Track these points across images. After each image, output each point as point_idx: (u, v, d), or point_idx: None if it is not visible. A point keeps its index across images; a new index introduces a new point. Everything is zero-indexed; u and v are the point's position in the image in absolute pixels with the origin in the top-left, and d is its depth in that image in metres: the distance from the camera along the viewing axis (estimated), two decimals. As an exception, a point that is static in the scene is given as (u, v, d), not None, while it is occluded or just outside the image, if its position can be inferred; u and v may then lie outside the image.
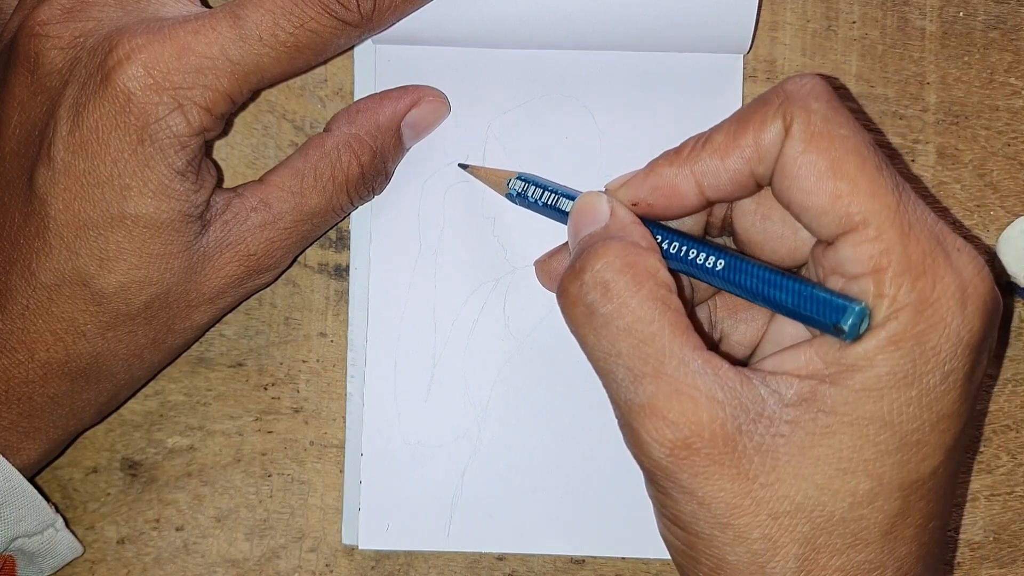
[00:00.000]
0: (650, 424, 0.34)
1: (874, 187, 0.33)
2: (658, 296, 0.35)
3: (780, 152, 0.35)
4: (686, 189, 0.37)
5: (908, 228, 0.33)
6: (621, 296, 0.35)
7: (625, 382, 0.35)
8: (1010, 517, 0.47)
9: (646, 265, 0.35)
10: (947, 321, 0.33)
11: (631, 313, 0.35)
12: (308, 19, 0.40)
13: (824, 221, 0.34)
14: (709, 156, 0.36)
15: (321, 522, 0.47)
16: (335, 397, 0.47)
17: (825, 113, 0.35)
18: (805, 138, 0.34)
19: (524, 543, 0.46)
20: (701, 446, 0.33)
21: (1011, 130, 0.47)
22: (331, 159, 0.43)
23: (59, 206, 0.39)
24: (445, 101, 0.45)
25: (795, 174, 0.34)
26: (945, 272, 0.33)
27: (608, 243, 0.36)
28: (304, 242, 0.44)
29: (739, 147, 0.36)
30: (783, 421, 0.34)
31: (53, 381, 0.41)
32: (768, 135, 0.35)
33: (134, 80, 0.38)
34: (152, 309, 0.41)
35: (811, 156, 0.34)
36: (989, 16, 0.47)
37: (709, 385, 0.34)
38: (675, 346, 0.34)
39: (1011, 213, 0.47)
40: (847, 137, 0.34)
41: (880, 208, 0.33)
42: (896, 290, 0.33)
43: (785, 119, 0.35)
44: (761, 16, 0.47)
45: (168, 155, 0.39)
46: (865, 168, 0.34)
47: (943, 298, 0.33)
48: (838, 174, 0.34)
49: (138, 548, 0.47)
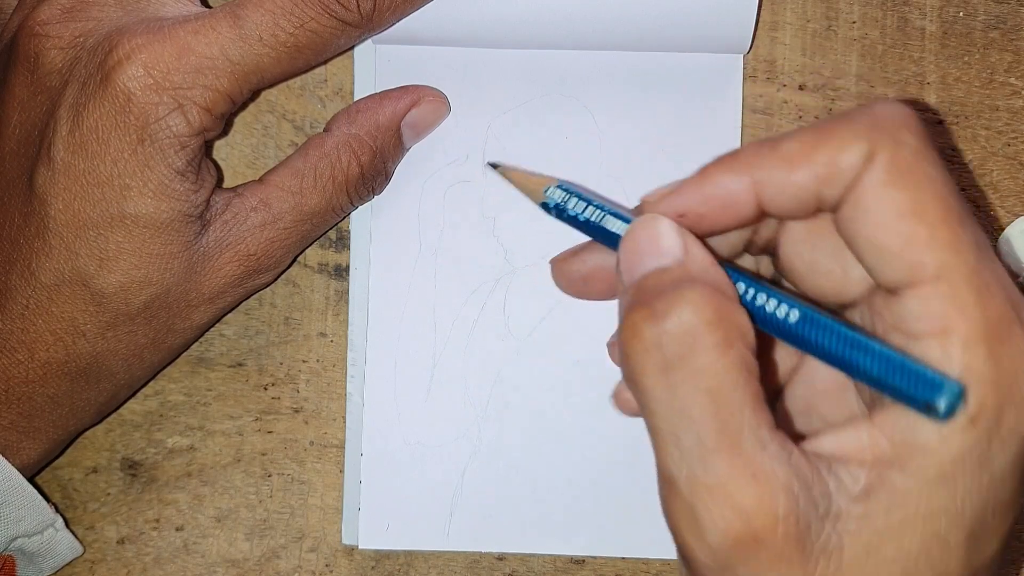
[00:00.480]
0: (716, 508, 0.29)
1: (955, 239, 0.30)
2: (745, 361, 0.30)
3: (858, 180, 0.31)
4: (744, 200, 0.32)
5: (986, 288, 0.30)
6: (710, 355, 0.30)
7: (692, 452, 0.30)
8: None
9: (738, 322, 0.31)
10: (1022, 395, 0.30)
11: (716, 376, 0.30)
12: (308, 19, 0.40)
13: (893, 265, 0.30)
14: (776, 164, 0.32)
15: (321, 522, 0.47)
16: (335, 397, 0.47)
17: (916, 148, 0.31)
18: (890, 170, 0.30)
19: (524, 543, 0.46)
20: (772, 542, 0.29)
21: (1011, 130, 0.47)
22: (331, 159, 0.43)
23: (59, 206, 0.39)
24: (445, 101, 0.45)
25: (872, 207, 0.30)
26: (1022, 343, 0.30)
27: (696, 287, 0.31)
28: (304, 242, 0.44)
29: (813, 161, 0.31)
30: (852, 517, 0.30)
31: (53, 381, 0.41)
32: (849, 157, 0.31)
33: (134, 80, 0.38)
34: (152, 309, 0.41)
35: (893, 191, 0.30)
36: (989, 16, 0.47)
37: (786, 473, 0.29)
38: (755, 422, 0.30)
39: (1011, 213, 0.47)
40: (935, 180, 0.31)
41: (958, 263, 0.30)
42: (970, 358, 0.29)
43: (871, 144, 0.31)
44: (761, 16, 0.47)
45: (168, 155, 0.39)
46: (948, 217, 0.30)
47: (1020, 370, 0.29)
48: (919, 217, 0.30)
49: (138, 548, 0.47)
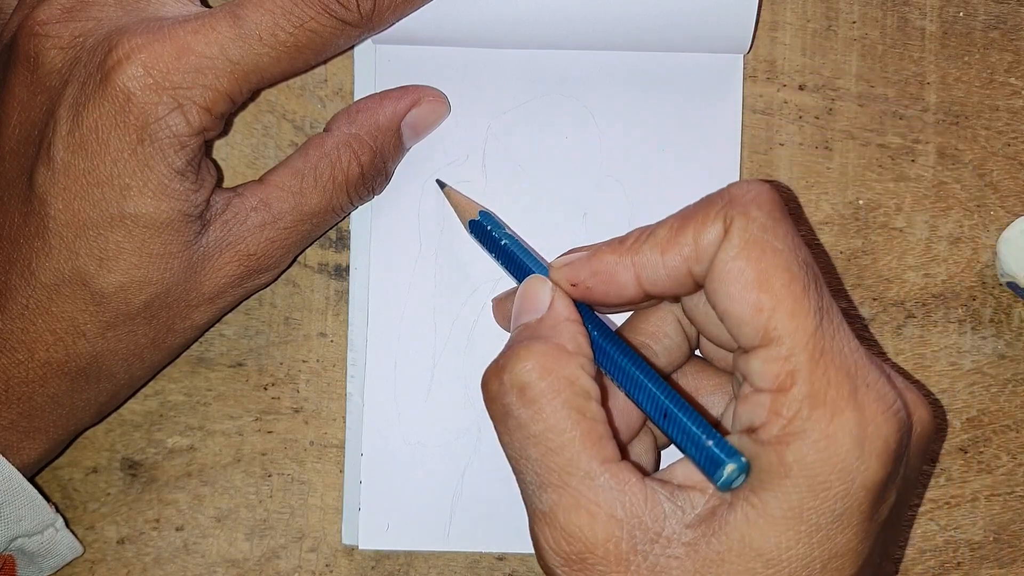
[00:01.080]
0: (548, 533, 0.34)
1: (796, 307, 0.33)
2: (574, 405, 0.35)
3: (715, 256, 0.34)
4: (625, 279, 0.37)
5: (820, 355, 0.33)
6: (537, 402, 0.35)
7: (532, 486, 0.35)
8: (1010, 517, 0.47)
9: (566, 372, 0.35)
10: (839, 457, 0.32)
11: (543, 421, 0.35)
12: (308, 19, 0.40)
13: (743, 331, 0.34)
14: (650, 250, 0.36)
15: (321, 522, 0.47)
16: (335, 397, 0.47)
17: (763, 223, 0.34)
18: (739, 244, 0.34)
19: (524, 543, 0.45)
20: (594, 562, 0.33)
21: (1011, 130, 0.47)
22: (331, 159, 0.43)
23: (59, 206, 0.39)
24: (445, 101, 0.45)
25: (723, 279, 0.34)
26: (847, 407, 0.33)
27: (532, 344, 0.36)
28: (304, 242, 0.44)
29: (679, 244, 0.35)
30: (680, 543, 0.33)
31: (53, 381, 0.41)
32: (708, 236, 0.35)
33: (134, 80, 0.38)
34: (152, 309, 0.41)
35: (740, 263, 0.34)
36: (989, 16, 0.47)
37: (611, 502, 0.34)
38: (583, 458, 0.34)
39: (1011, 213, 0.47)
40: (780, 252, 0.34)
41: (796, 329, 0.33)
42: (792, 413, 0.33)
43: (725, 222, 0.34)
44: (761, 16, 0.47)
45: (168, 155, 0.39)
46: (791, 286, 0.33)
47: (838, 435, 0.33)
48: (763, 286, 0.33)
49: (138, 548, 0.47)
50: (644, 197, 0.46)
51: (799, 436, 0.33)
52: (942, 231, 0.47)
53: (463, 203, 0.45)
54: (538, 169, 0.46)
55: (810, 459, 0.32)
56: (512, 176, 0.46)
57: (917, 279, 0.47)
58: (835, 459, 0.32)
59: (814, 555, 0.33)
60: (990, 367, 0.47)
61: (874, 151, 0.47)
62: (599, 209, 0.46)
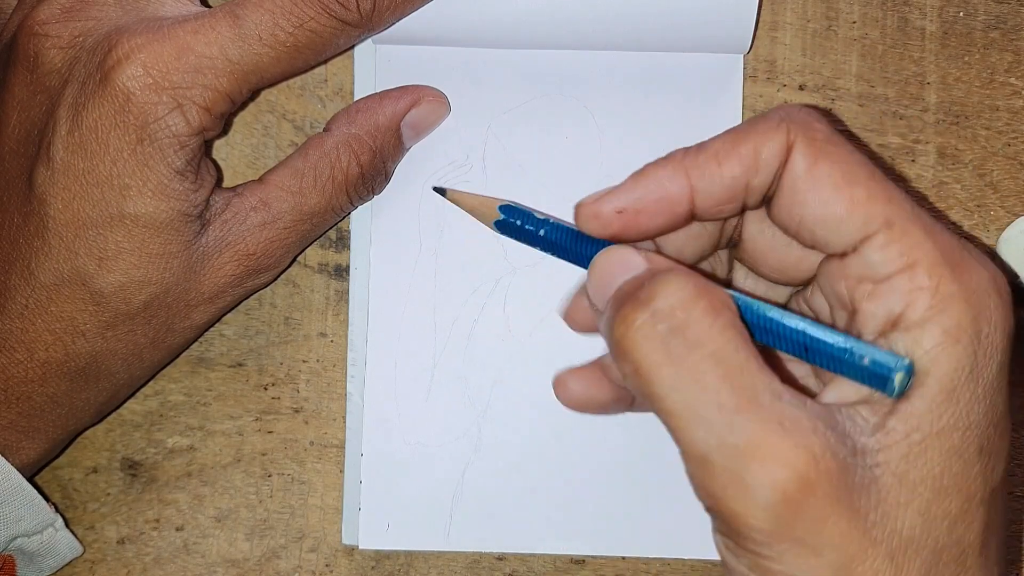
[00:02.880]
0: (758, 466, 0.30)
1: (890, 193, 0.33)
2: (736, 325, 0.32)
3: (786, 169, 0.34)
4: (679, 195, 0.35)
5: (931, 226, 0.33)
6: (704, 322, 0.31)
7: (716, 420, 0.30)
8: (1010, 517, 0.47)
9: (718, 294, 0.33)
10: (991, 309, 0.32)
11: (715, 340, 0.31)
12: (307, 19, 0.40)
13: (844, 229, 0.33)
14: (706, 161, 0.35)
15: (321, 522, 0.47)
16: (335, 397, 0.47)
17: (828, 132, 0.34)
18: (813, 153, 0.34)
19: (524, 543, 0.46)
20: (820, 485, 0.30)
21: (1011, 130, 0.47)
22: (331, 159, 0.43)
23: (58, 206, 0.39)
24: (445, 101, 0.45)
25: (808, 186, 0.33)
26: (975, 264, 0.32)
27: (669, 273, 0.33)
28: (303, 242, 0.44)
29: (738, 155, 0.34)
30: (875, 450, 0.31)
31: (52, 380, 0.41)
32: (770, 147, 0.34)
33: (133, 80, 0.38)
34: (151, 309, 0.41)
35: (824, 167, 0.33)
36: (989, 16, 0.47)
37: (810, 417, 0.31)
38: (765, 377, 0.31)
39: (1011, 213, 0.47)
40: (852, 152, 0.34)
41: (899, 210, 0.33)
42: (936, 281, 0.32)
43: (789, 136, 0.34)
44: (761, 16, 0.47)
45: (167, 155, 0.39)
46: (876, 178, 0.33)
47: (983, 288, 0.32)
48: (852, 183, 0.33)
49: (138, 548, 0.47)
50: (644, 197, 0.46)
51: (953, 299, 0.32)
52: (942, 231, 0.47)
53: (477, 204, 0.41)
54: (538, 169, 0.46)
55: (971, 317, 0.32)
56: (512, 176, 0.46)
57: (917, 279, 0.47)
58: (987, 311, 0.32)
59: (990, 418, 0.32)
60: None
61: (874, 151, 0.47)
62: None
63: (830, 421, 0.31)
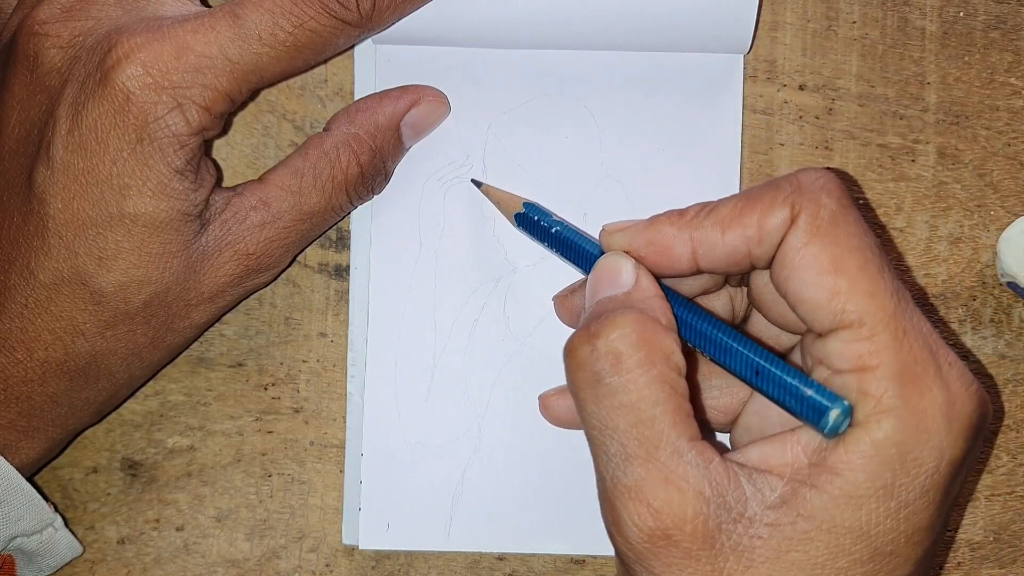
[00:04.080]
0: (632, 507, 0.33)
1: (873, 288, 0.33)
2: (667, 379, 0.34)
3: (783, 241, 0.35)
4: (680, 252, 0.37)
5: (903, 334, 0.33)
6: (631, 372, 0.34)
7: (616, 458, 0.34)
8: (1010, 517, 0.47)
9: (662, 345, 0.35)
10: (931, 434, 0.33)
11: (637, 391, 0.34)
12: (307, 18, 0.40)
13: (819, 315, 0.34)
14: (711, 226, 0.36)
15: (321, 522, 0.47)
16: (335, 397, 0.47)
17: (834, 210, 0.34)
18: (811, 231, 0.34)
19: (524, 543, 0.46)
20: (681, 539, 0.33)
21: (1011, 130, 0.47)
22: (330, 158, 0.43)
23: (58, 205, 0.39)
24: (445, 101, 0.45)
25: (796, 264, 0.34)
26: (934, 384, 0.33)
27: (627, 313, 0.35)
28: (303, 242, 0.44)
29: (742, 225, 0.35)
30: (763, 523, 0.33)
31: (52, 380, 0.41)
32: (773, 220, 0.35)
33: (133, 79, 0.38)
34: (151, 308, 0.41)
35: (814, 249, 0.34)
36: (989, 16, 0.47)
37: (699, 479, 0.33)
38: (673, 433, 0.34)
39: (1011, 213, 0.47)
40: (852, 236, 0.34)
41: (876, 310, 0.33)
42: (882, 392, 0.33)
43: (793, 208, 0.34)
44: (761, 16, 0.47)
45: (167, 154, 0.39)
46: (867, 268, 0.34)
47: (930, 410, 0.33)
48: (839, 271, 0.34)
49: (138, 548, 0.47)
50: (644, 197, 0.46)
51: (890, 414, 0.32)
52: (942, 231, 0.47)
53: (504, 198, 0.44)
54: (538, 169, 0.46)
55: (902, 436, 0.32)
56: (512, 176, 0.46)
57: (917, 279, 0.47)
58: (926, 435, 0.32)
59: (900, 529, 0.33)
60: (990, 367, 0.47)
61: (874, 151, 0.47)
62: (599, 209, 0.46)
63: (723, 485, 0.33)
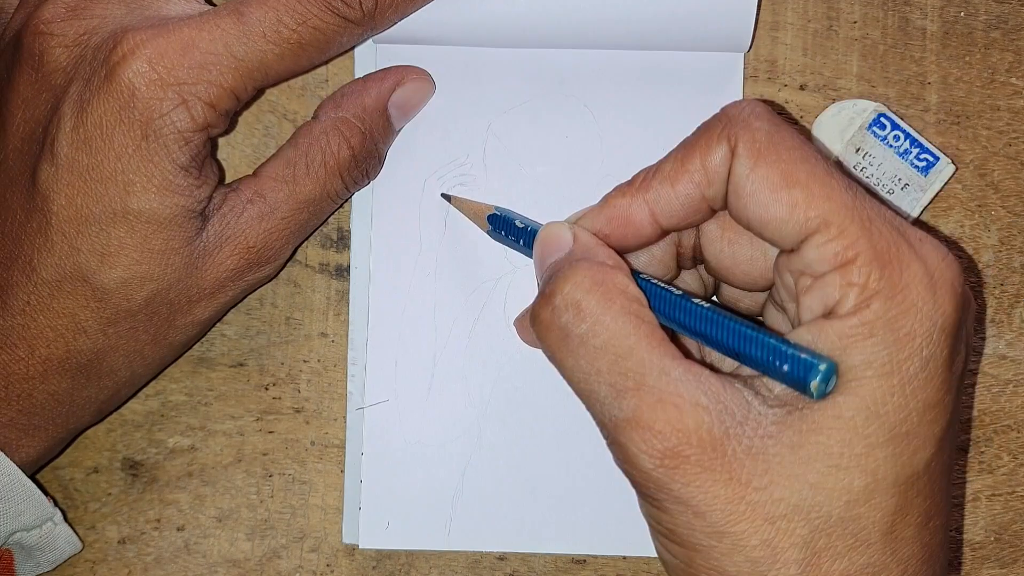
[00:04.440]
0: (637, 436, 0.33)
1: (828, 190, 0.34)
2: (631, 310, 0.35)
3: (730, 173, 0.35)
4: (640, 218, 0.37)
5: (869, 222, 0.34)
6: (594, 314, 0.35)
7: (608, 399, 0.34)
8: (1011, 517, 0.47)
9: (615, 282, 0.35)
10: (918, 306, 0.33)
11: (606, 330, 0.35)
12: (311, 16, 0.40)
13: (786, 230, 0.34)
14: (660, 184, 0.37)
15: (322, 522, 0.47)
16: (336, 397, 0.47)
17: (768, 130, 0.35)
18: (752, 155, 0.35)
19: (525, 542, 0.46)
20: (691, 453, 0.33)
21: (1012, 130, 0.47)
22: (321, 144, 0.43)
23: (62, 202, 0.39)
24: (429, 79, 0.45)
25: (749, 191, 0.35)
26: (911, 260, 0.33)
27: (574, 265, 0.36)
28: (302, 232, 0.44)
29: (687, 171, 0.36)
30: (770, 422, 0.33)
31: (53, 378, 0.41)
32: (715, 157, 0.36)
33: (138, 76, 0.38)
34: (153, 305, 0.41)
35: (761, 171, 0.34)
36: (990, 16, 0.47)
37: (692, 392, 0.33)
38: (654, 357, 0.34)
39: (1012, 213, 0.47)
40: (793, 149, 0.35)
41: (838, 207, 0.34)
42: (865, 278, 0.33)
43: (730, 141, 0.35)
44: (762, 16, 0.47)
45: (172, 151, 0.39)
46: (816, 173, 0.34)
47: (912, 284, 0.33)
48: (791, 184, 0.34)
49: (139, 548, 0.46)
50: (645, 197, 0.46)
51: (877, 296, 0.33)
52: (942, 231, 0.47)
53: (474, 206, 0.45)
54: (538, 168, 0.46)
55: (892, 313, 0.33)
56: (513, 175, 0.46)
57: (918, 279, 0.47)
58: (914, 307, 0.33)
59: (910, 407, 0.33)
60: (991, 367, 0.47)
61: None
62: None
63: (720, 393, 0.34)
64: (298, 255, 0.47)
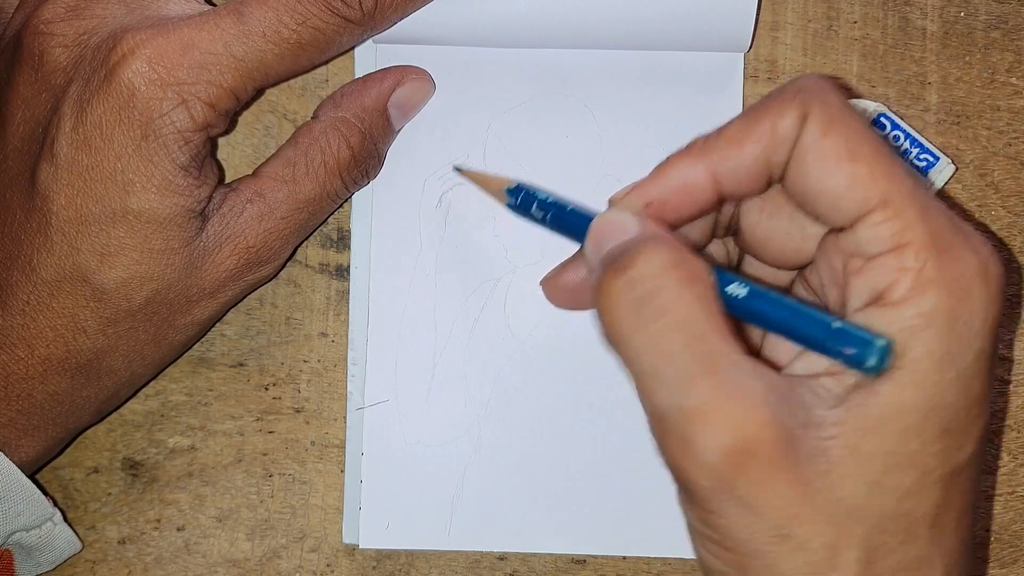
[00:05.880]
0: (706, 428, 0.32)
1: (891, 171, 0.33)
2: (709, 297, 0.33)
3: (798, 140, 0.34)
4: (702, 184, 0.36)
5: (926, 209, 0.33)
6: (672, 292, 0.33)
7: (675, 384, 0.32)
8: (1011, 517, 0.47)
9: (695, 265, 0.34)
10: (973, 297, 0.32)
11: (686, 308, 0.33)
12: (311, 16, 0.40)
13: (843, 204, 0.34)
14: (725, 146, 0.35)
15: (322, 522, 0.47)
16: (336, 397, 0.47)
17: (840, 104, 0.35)
18: (824, 124, 0.34)
19: (525, 542, 0.46)
20: (761, 451, 0.31)
21: (1012, 130, 0.47)
22: (320, 144, 0.43)
23: (61, 201, 0.39)
24: (429, 78, 0.45)
25: (814, 158, 0.34)
26: (965, 250, 0.33)
27: (650, 242, 0.34)
28: (302, 232, 0.44)
29: (756, 135, 0.35)
30: (831, 424, 0.32)
31: (53, 378, 0.41)
32: (786, 122, 0.34)
33: (138, 75, 0.38)
34: (152, 305, 0.41)
35: (830, 140, 0.34)
36: (990, 16, 0.47)
37: (763, 389, 0.32)
38: (727, 347, 0.32)
39: (1012, 213, 0.47)
40: (861, 127, 0.34)
41: (899, 189, 0.33)
42: (921, 264, 0.32)
43: (803, 108, 0.34)
44: (762, 16, 0.47)
45: (172, 150, 0.39)
46: (881, 153, 0.34)
47: (967, 275, 0.32)
48: (856, 158, 0.33)
49: (139, 548, 0.47)
50: (645, 197, 0.46)
51: (933, 284, 0.32)
52: (943, 231, 0.47)
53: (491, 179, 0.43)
54: (539, 168, 0.46)
55: (949, 304, 0.32)
56: (513, 175, 0.46)
57: (918, 279, 0.47)
58: (970, 299, 0.32)
59: (960, 402, 0.33)
60: (992, 367, 0.47)
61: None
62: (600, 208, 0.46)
63: (785, 393, 0.32)
64: (298, 255, 0.47)
